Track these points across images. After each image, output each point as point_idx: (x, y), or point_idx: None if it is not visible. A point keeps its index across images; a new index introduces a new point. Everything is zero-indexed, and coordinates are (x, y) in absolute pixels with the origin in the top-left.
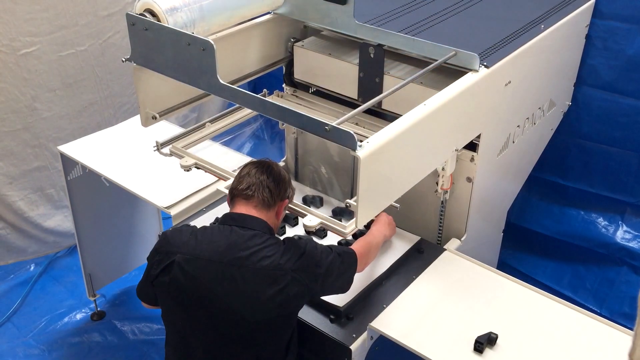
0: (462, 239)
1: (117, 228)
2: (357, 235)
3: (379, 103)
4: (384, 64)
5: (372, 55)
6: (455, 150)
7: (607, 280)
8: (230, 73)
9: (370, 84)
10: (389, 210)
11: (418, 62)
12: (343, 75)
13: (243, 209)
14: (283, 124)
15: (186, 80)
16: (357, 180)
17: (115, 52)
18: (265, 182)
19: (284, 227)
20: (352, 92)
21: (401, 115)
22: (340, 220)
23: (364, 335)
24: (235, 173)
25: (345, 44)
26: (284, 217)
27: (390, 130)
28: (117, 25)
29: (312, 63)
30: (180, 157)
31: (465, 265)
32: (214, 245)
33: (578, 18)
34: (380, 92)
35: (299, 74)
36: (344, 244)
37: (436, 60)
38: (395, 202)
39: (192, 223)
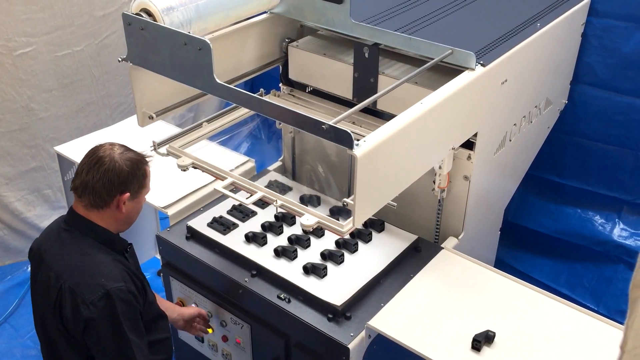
0: (460, 237)
1: None
2: (353, 234)
3: (374, 103)
4: (378, 63)
5: (366, 55)
6: (452, 148)
7: (604, 278)
8: (227, 72)
9: (365, 84)
10: (386, 208)
11: (415, 61)
12: (338, 75)
13: (75, 204)
14: (280, 123)
15: (183, 80)
16: (354, 179)
17: (112, 52)
18: (90, 183)
19: (282, 226)
20: (347, 92)
21: (397, 115)
22: (338, 220)
23: (362, 334)
24: (232, 172)
25: (342, 44)
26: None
27: (387, 129)
28: (114, 25)
29: (306, 63)
30: (177, 156)
31: (463, 263)
32: (42, 238)
33: (574, 16)
34: (375, 92)
35: (293, 74)
36: (341, 243)
37: (433, 59)
38: (393, 200)
39: (189, 223)
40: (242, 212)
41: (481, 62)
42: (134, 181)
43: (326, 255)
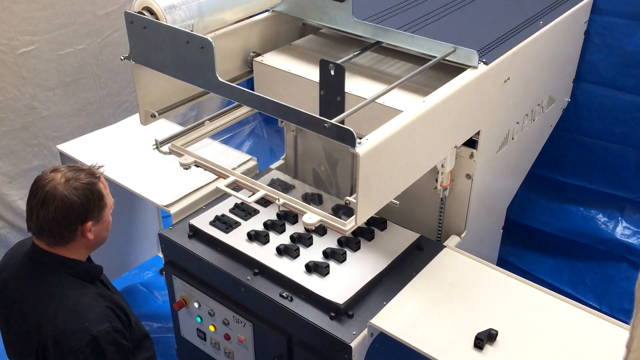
0: (462, 236)
1: (117, 227)
2: (356, 233)
3: (342, 122)
4: (344, 81)
5: (332, 73)
6: (455, 147)
7: (606, 276)
8: (229, 71)
9: (331, 102)
10: (389, 207)
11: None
12: (304, 92)
13: (37, 241)
14: (282, 122)
15: (185, 78)
16: (356, 178)
17: (114, 51)
18: (46, 225)
19: (284, 224)
20: (314, 110)
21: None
22: (340, 218)
23: (364, 332)
24: (235, 171)
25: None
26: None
27: (389, 127)
28: (116, 23)
29: (271, 79)
30: (180, 155)
31: (465, 262)
32: (4, 275)
33: (577, 14)
34: (343, 111)
35: (259, 90)
36: (343, 242)
37: (435, 57)
38: (395, 199)
39: (192, 221)
40: (244, 211)
41: (484, 60)
42: (91, 207)
43: (328, 254)
